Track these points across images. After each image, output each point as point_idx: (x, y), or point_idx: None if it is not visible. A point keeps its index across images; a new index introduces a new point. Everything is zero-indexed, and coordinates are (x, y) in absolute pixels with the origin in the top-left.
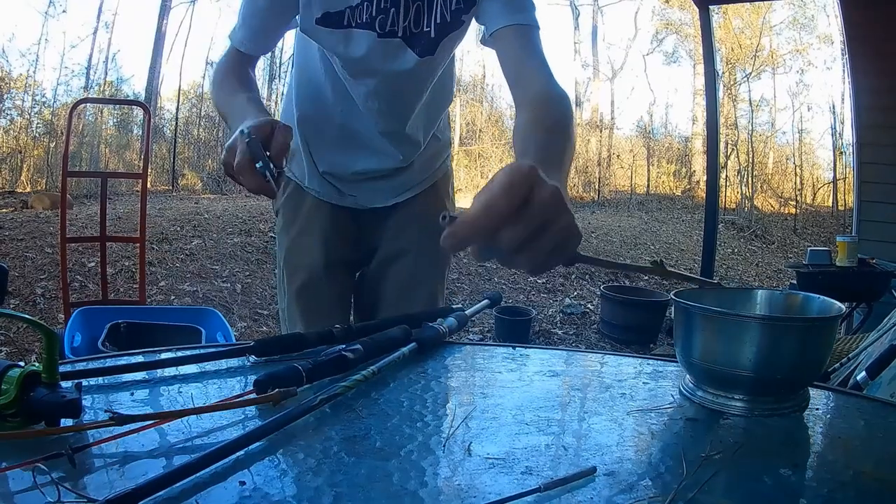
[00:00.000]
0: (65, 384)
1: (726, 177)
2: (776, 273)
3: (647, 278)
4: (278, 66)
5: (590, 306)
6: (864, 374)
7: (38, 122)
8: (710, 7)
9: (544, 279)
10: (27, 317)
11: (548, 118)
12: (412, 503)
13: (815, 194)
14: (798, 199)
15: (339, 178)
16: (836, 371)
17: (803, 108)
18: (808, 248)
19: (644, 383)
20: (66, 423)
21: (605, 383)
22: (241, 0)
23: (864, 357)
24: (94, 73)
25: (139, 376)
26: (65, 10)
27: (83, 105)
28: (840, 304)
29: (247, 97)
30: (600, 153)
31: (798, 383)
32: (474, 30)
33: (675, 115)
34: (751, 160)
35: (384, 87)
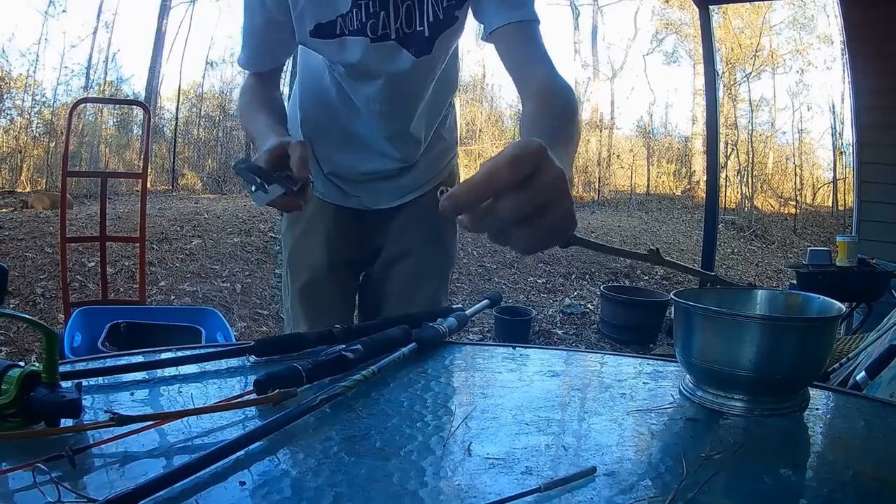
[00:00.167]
0: (65, 384)
1: (726, 177)
2: (776, 273)
3: (647, 278)
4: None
5: (590, 306)
6: (863, 374)
7: (38, 122)
8: (710, 7)
9: (544, 279)
10: (27, 317)
11: (553, 108)
12: (412, 503)
13: (815, 194)
14: (798, 199)
15: (344, 179)
16: (835, 371)
17: (803, 108)
18: (808, 248)
19: (644, 383)
20: (66, 423)
21: (605, 383)
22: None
23: (863, 357)
24: (94, 72)
25: (139, 376)
26: (65, 10)
27: (83, 105)
28: (840, 304)
29: (264, 122)
30: (600, 153)
31: (798, 383)
32: (473, 29)
33: (675, 115)
34: (751, 160)
35: (385, 90)
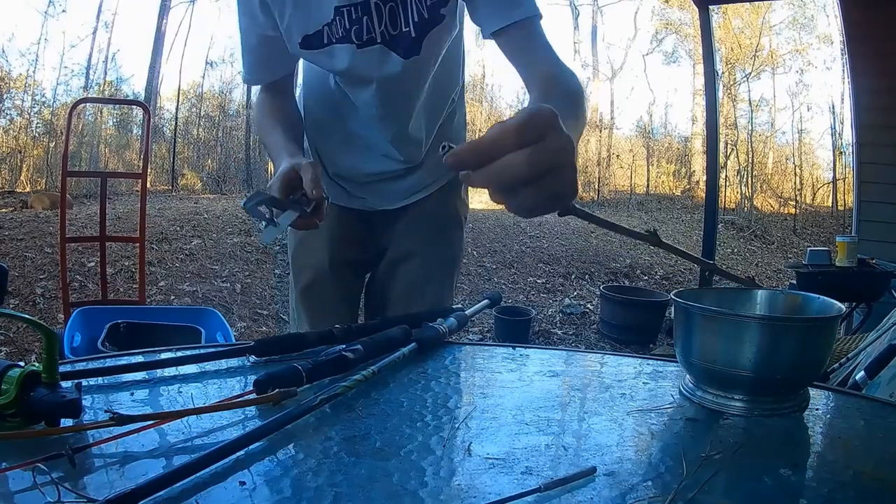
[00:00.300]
0: (65, 384)
1: (726, 177)
2: (776, 273)
3: (646, 278)
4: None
5: (589, 306)
6: (863, 373)
7: (38, 122)
8: (710, 7)
9: (544, 279)
10: (27, 317)
11: (560, 90)
12: (412, 503)
13: (814, 194)
14: (798, 199)
15: (348, 180)
16: (835, 371)
17: (803, 108)
18: (808, 249)
19: (644, 383)
20: (66, 423)
21: (605, 383)
22: None
23: (863, 357)
24: (94, 72)
25: (139, 376)
26: (64, 10)
27: (83, 105)
28: (840, 304)
29: (277, 140)
30: (600, 153)
31: (798, 383)
32: (473, 28)
33: (674, 115)
34: (750, 160)
35: (379, 94)
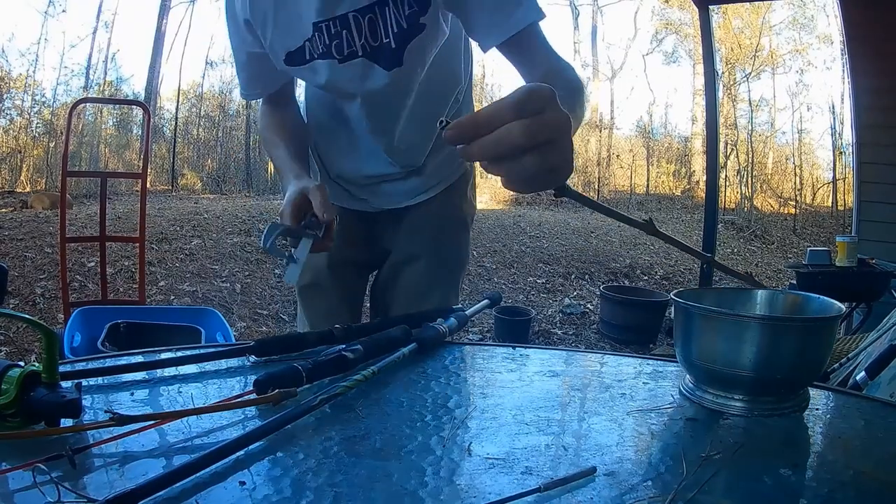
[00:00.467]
0: (65, 384)
1: (726, 177)
2: (776, 273)
3: (646, 278)
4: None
5: (589, 306)
6: (863, 373)
7: (38, 122)
8: (710, 7)
9: (544, 279)
10: (27, 317)
11: (560, 82)
12: (412, 503)
13: (814, 194)
14: (798, 199)
15: (350, 181)
16: (835, 371)
17: (803, 108)
18: (808, 249)
19: (644, 383)
20: (66, 423)
21: (604, 383)
22: None
23: (863, 357)
24: (94, 72)
25: (139, 376)
26: (64, 10)
27: (83, 105)
28: (840, 304)
29: (282, 156)
30: (600, 153)
31: (798, 383)
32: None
33: (674, 115)
34: (750, 160)
35: (365, 108)
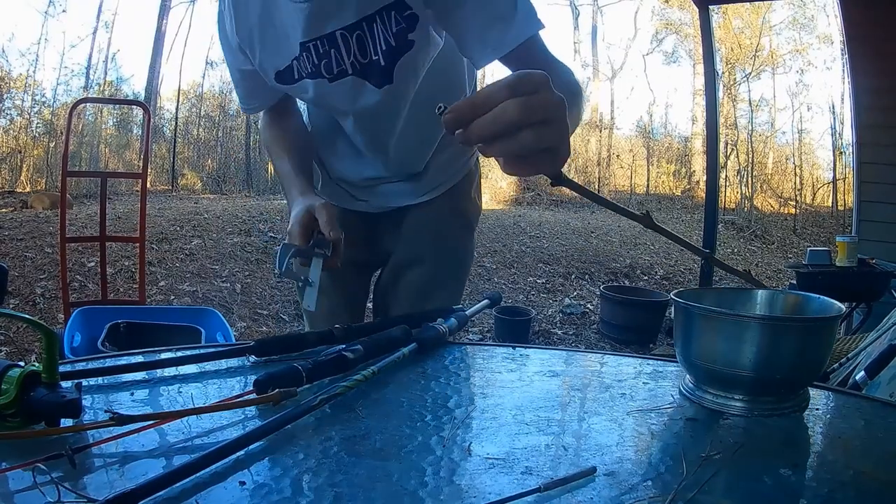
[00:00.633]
0: (65, 384)
1: (726, 177)
2: (776, 273)
3: (646, 278)
4: None
5: (589, 306)
6: (863, 373)
7: (38, 122)
8: (710, 7)
9: (544, 279)
10: (27, 317)
11: (557, 83)
12: (412, 503)
13: (814, 194)
14: (798, 199)
15: (351, 183)
16: (835, 371)
17: (803, 108)
18: (808, 249)
19: (644, 383)
20: (66, 423)
21: (605, 383)
22: None
23: (863, 357)
24: (94, 72)
25: (139, 376)
26: (64, 10)
27: (83, 105)
28: (840, 304)
29: (286, 170)
30: (600, 153)
31: (798, 383)
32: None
33: (674, 115)
34: (750, 160)
35: (358, 124)
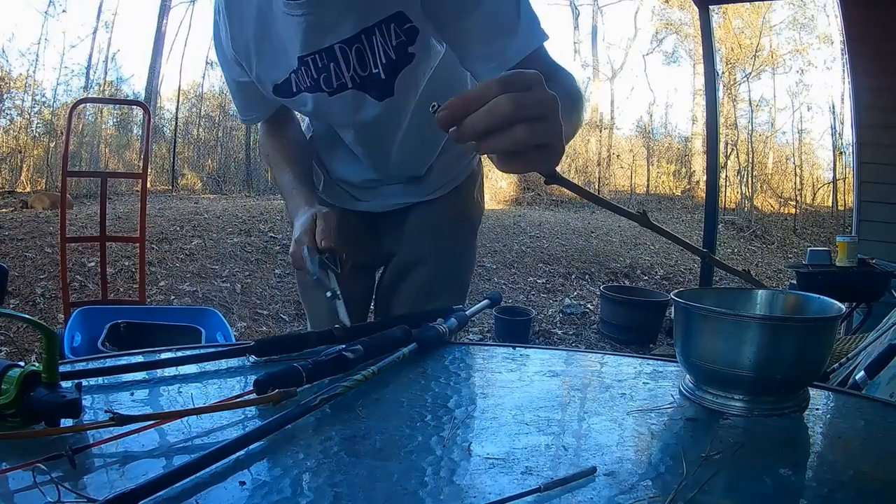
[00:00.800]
0: (65, 384)
1: (726, 177)
2: (776, 273)
3: (646, 278)
4: None
5: (589, 306)
6: (863, 373)
7: (38, 122)
8: (710, 7)
9: (544, 279)
10: (27, 317)
11: (557, 89)
12: (412, 503)
13: (814, 194)
14: (798, 199)
15: (353, 184)
16: (835, 371)
17: (803, 108)
18: (808, 249)
19: (644, 383)
20: (66, 423)
21: (605, 383)
22: None
23: (863, 357)
24: (94, 72)
25: (139, 376)
26: (65, 10)
27: (83, 105)
28: (840, 304)
29: (288, 181)
30: (600, 153)
31: (798, 383)
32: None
33: (674, 115)
34: (750, 160)
35: (359, 137)
